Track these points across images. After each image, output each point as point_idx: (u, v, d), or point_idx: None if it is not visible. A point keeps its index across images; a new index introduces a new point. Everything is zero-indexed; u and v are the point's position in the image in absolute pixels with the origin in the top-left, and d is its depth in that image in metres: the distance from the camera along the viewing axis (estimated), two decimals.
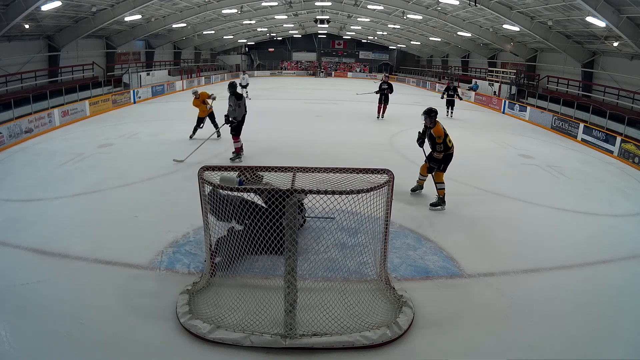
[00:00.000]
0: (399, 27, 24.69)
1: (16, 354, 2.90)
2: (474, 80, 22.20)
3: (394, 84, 14.59)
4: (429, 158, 5.82)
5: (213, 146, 8.85)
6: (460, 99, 15.05)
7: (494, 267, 4.22)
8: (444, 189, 5.74)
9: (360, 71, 37.97)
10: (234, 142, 7.90)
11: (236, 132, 7.73)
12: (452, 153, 5.77)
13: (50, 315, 3.26)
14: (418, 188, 6.29)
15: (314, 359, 2.92)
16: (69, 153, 8.28)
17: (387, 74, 14.84)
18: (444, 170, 5.75)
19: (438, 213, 5.63)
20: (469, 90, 21.59)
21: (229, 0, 19.16)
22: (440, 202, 5.75)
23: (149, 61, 22.30)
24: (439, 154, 5.63)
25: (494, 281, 4.01)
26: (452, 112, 14.32)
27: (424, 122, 5.74)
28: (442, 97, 14.34)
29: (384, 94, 13.06)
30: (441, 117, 5.96)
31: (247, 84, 17.69)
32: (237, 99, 7.62)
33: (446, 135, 5.65)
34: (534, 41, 17.28)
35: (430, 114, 5.63)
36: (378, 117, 13.31)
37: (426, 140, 5.86)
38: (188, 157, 7.67)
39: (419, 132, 5.92)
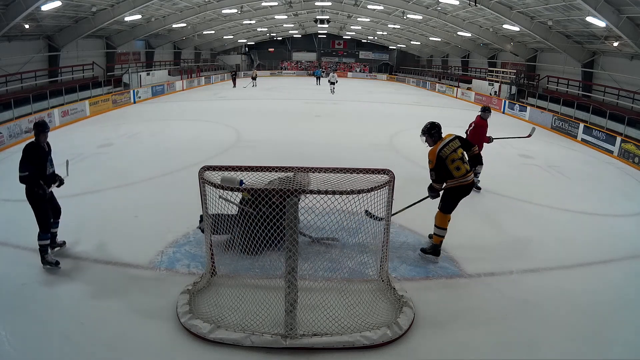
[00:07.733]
0: (399, 27, 24.68)
1: (16, 354, 2.90)
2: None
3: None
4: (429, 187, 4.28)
5: (215, 145, 8.85)
6: None
7: (494, 267, 4.22)
8: (442, 236, 4.22)
9: (360, 71, 37.97)
10: None
11: None
12: (463, 186, 4.11)
13: (50, 315, 3.26)
14: (430, 251, 4.33)
15: (314, 359, 2.92)
16: (69, 153, 8.25)
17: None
18: (448, 210, 4.18)
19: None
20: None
21: (229, 0, 19.15)
22: (432, 249, 4.29)
23: (149, 61, 22.29)
24: (436, 183, 4.17)
25: (494, 281, 4.01)
26: None
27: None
28: None
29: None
30: None
31: None
32: None
33: (451, 160, 4.05)
34: (534, 41, 17.27)
35: (431, 130, 4.15)
36: None
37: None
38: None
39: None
